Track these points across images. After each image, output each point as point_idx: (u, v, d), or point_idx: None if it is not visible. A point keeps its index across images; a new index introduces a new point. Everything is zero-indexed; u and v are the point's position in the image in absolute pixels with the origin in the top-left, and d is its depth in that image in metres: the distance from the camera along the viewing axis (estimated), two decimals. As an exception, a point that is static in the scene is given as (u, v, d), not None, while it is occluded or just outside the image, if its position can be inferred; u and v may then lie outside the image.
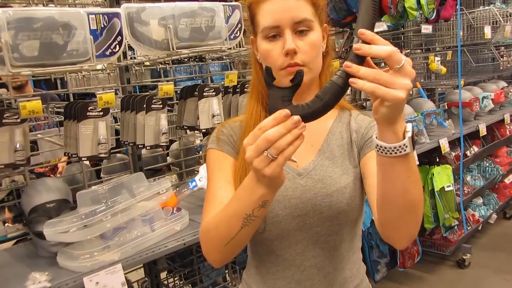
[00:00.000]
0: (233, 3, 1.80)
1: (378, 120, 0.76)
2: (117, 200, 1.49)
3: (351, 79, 0.72)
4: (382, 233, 0.91)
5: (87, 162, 2.15)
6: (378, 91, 0.70)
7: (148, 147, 1.76)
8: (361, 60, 0.72)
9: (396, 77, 0.70)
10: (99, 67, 2.07)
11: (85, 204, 1.46)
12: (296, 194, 1.03)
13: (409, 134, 0.76)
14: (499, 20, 3.85)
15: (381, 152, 0.78)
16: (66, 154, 1.66)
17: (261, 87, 1.10)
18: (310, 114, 0.75)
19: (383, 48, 0.70)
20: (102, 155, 1.59)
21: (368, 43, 0.72)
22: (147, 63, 2.56)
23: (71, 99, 1.91)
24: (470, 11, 4.02)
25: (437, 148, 3.07)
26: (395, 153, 0.76)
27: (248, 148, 0.75)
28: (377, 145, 0.78)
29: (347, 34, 0.75)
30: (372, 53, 0.70)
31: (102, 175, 2.27)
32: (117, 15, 1.48)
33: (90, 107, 1.56)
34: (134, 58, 1.90)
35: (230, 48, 1.86)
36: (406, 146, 0.76)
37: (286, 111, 0.73)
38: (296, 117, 0.73)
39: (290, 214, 1.03)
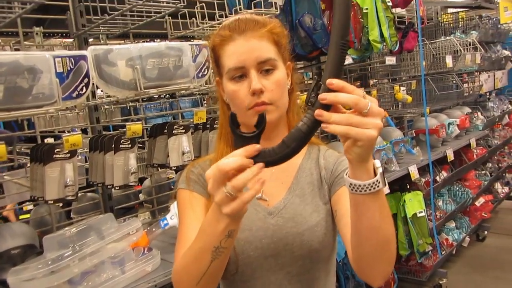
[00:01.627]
0: (200, 42, 1.83)
1: (351, 160, 0.77)
2: (86, 243, 1.46)
3: (323, 124, 0.73)
4: (357, 271, 0.92)
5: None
6: (351, 132, 0.72)
7: (117, 188, 1.74)
8: (328, 105, 0.74)
9: (367, 118, 0.72)
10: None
11: (52, 248, 1.43)
12: (267, 234, 1.03)
13: (380, 170, 0.78)
14: (460, 50, 4.02)
15: (355, 191, 0.78)
16: (32, 197, 1.62)
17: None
18: (275, 160, 0.76)
19: (348, 97, 0.72)
20: (69, 198, 1.56)
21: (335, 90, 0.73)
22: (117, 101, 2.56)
23: (38, 141, 1.88)
24: (431, 41, 4.19)
25: (407, 175, 3.13)
26: (369, 190, 0.77)
27: (210, 182, 0.77)
28: (351, 184, 0.79)
29: (314, 81, 0.77)
30: (338, 101, 0.72)
31: (72, 215, 2.23)
32: (83, 57, 1.49)
33: (57, 149, 1.55)
34: (103, 97, 1.89)
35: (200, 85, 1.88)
36: (379, 182, 0.77)
37: (256, 146, 0.75)
38: (261, 164, 0.75)
39: (262, 254, 1.02)
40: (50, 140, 2.68)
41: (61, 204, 2.18)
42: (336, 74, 0.74)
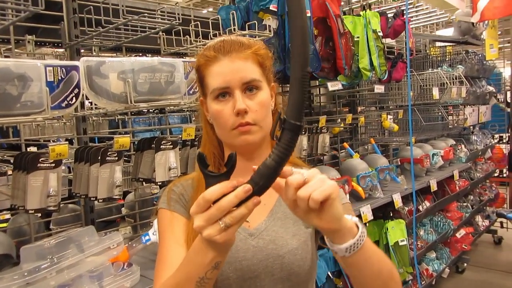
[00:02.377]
0: (193, 59, 1.84)
1: (332, 225, 0.79)
2: (64, 255, 1.43)
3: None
4: None
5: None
6: (317, 197, 0.74)
7: (100, 200, 1.71)
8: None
9: (315, 182, 0.76)
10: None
11: (29, 259, 1.40)
12: (247, 255, 1.02)
13: (356, 219, 0.82)
14: (446, 82, 4.11)
15: (349, 252, 0.81)
16: (13, 206, 1.59)
17: (212, 146, 1.12)
18: (246, 197, 0.75)
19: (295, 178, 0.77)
20: (51, 208, 1.54)
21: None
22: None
23: (23, 149, 1.86)
24: (419, 73, 4.28)
25: (391, 203, 3.14)
26: (359, 245, 0.80)
27: (196, 217, 0.75)
28: (342, 249, 0.81)
29: (277, 115, 0.78)
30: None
31: (51, 226, 2.18)
32: (75, 68, 1.49)
33: (42, 158, 1.53)
34: (92, 108, 1.88)
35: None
36: (364, 232, 0.81)
37: (233, 182, 0.74)
38: (247, 186, 0.74)
39: (241, 276, 1.01)
40: (33, 149, 2.65)
41: (39, 214, 2.14)
42: (299, 109, 0.73)
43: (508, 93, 6.13)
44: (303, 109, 0.73)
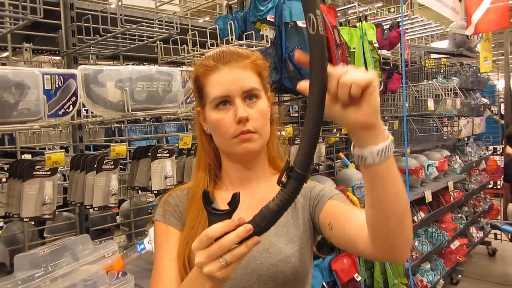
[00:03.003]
0: (191, 69, 1.85)
1: (370, 118, 0.76)
2: (59, 264, 1.42)
3: None
4: (381, 252, 0.88)
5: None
6: (360, 81, 0.73)
7: (96, 208, 1.71)
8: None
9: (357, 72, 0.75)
10: (51, 123, 2.05)
11: (23, 268, 1.38)
12: (241, 264, 1.02)
13: (387, 130, 0.79)
14: (441, 94, 4.15)
15: (380, 157, 0.77)
16: (7, 213, 1.58)
17: (208, 157, 1.13)
18: (246, 237, 0.77)
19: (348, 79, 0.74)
20: (46, 216, 1.53)
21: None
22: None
23: (19, 156, 1.85)
24: (414, 84, 4.31)
25: (386, 214, 3.15)
26: (388, 152, 0.77)
27: (198, 253, 0.76)
28: (375, 152, 0.77)
29: (286, 164, 0.80)
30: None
31: (45, 234, 2.17)
32: (73, 76, 1.49)
33: (37, 166, 1.52)
34: (88, 116, 1.88)
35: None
36: (393, 143, 0.78)
37: (235, 221, 0.76)
38: (248, 226, 0.76)
39: (235, 286, 1.01)
40: (27, 156, 2.63)
41: (33, 222, 2.13)
42: (307, 160, 0.75)
43: (502, 105, 6.18)
44: (311, 161, 0.76)
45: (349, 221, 0.96)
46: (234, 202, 0.78)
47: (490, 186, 6.53)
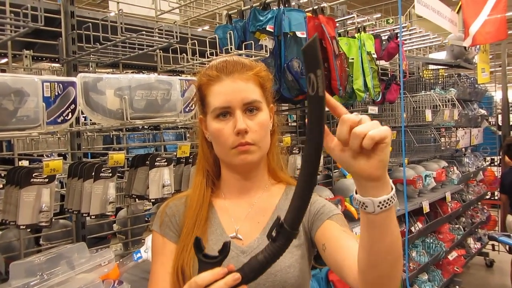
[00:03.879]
0: (189, 78, 1.86)
1: (377, 171, 0.75)
2: (54, 272, 1.41)
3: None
4: None
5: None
6: (375, 135, 0.71)
7: (93, 216, 1.70)
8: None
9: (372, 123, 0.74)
10: (49, 130, 2.05)
11: (18, 276, 1.37)
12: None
13: (391, 182, 0.78)
14: (439, 105, 4.17)
15: (380, 208, 0.76)
16: (4, 221, 1.57)
17: (207, 163, 1.14)
18: (234, 286, 0.79)
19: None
20: (43, 224, 1.52)
21: None
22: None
23: (16, 163, 1.85)
24: (412, 95, 4.33)
25: (384, 224, 3.14)
26: (390, 203, 0.76)
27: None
28: (376, 202, 0.76)
29: (277, 219, 0.82)
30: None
31: (41, 242, 2.16)
32: (72, 83, 1.49)
33: (35, 174, 1.52)
34: (87, 124, 1.88)
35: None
36: (395, 195, 0.77)
37: (224, 270, 0.78)
38: (237, 275, 0.77)
39: None
40: (24, 163, 2.63)
41: (29, 230, 2.12)
42: (297, 218, 0.77)
43: (500, 117, 6.20)
44: (301, 218, 0.77)
45: (343, 250, 0.95)
46: (225, 250, 0.80)
47: (487, 197, 6.54)
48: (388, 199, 0.76)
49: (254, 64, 1.09)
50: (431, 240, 4.23)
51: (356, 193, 0.79)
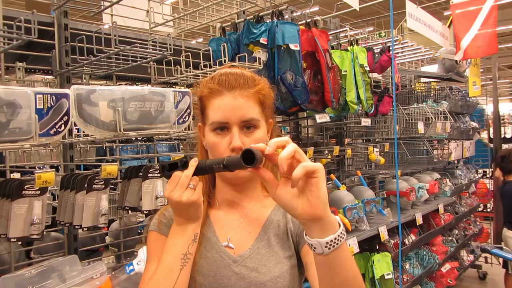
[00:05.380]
0: (183, 89, 1.86)
1: (317, 210, 0.79)
2: (45, 285, 1.40)
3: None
4: None
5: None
6: (305, 168, 0.78)
7: (85, 229, 1.69)
8: None
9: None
10: (42, 142, 2.03)
11: (9, 289, 1.36)
12: (230, 282, 1.03)
13: (338, 218, 0.81)
14: (431, 117, 4.19)
15: (328, 248, 0.79)
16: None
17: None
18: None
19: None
20: (34, 236, 1.51)
21: None
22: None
23: (8, 176, 1.83)
24: (405, 107, 4.36)
25: (377, 236, 3.14)
26: (337, 243, 0.79)
27: (174, 191, 0.95)
28: (320, 243, 0.80)
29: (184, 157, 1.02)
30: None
31: (32, 255, 2.13)
32: (65, 95, 1.49)
33: (27, 186, 1.51)
34: (79, 136, 1.87)
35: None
36: (344, 233, 0.80)
37: (194, 159, 0.98)
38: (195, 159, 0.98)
39: None
40: (16, 175, 2.61)
41: (19, 242, 2.10)
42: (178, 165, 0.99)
43: (491, 129, 6.26)
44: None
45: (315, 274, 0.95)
46: (186, 164, 0.98)
47: (480, 209, 6.55)
48: (335, 238, 0.79)
49: (257, 80, 1.09)
50: (425, 252, 4.22)
51: (306, 235, 0.83)
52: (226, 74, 1.07)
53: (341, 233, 0.80)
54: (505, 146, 6.32)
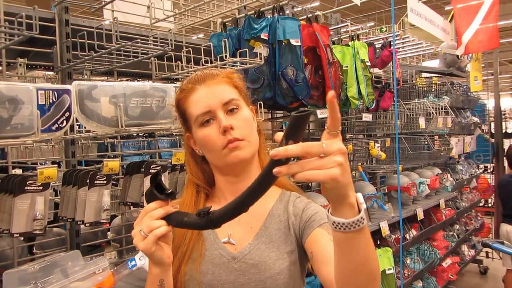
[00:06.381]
0: (185, 85, 1.86)
1: (329, 199, 0.76)
2: (48, 280, 1.40)
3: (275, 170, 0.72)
4: None
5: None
6: (311, 177, 0.70)
7: (87, 224, 1.70)
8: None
9: (325, 159, 0.70)
10: (43, 138, 2.04)
11: (12, 284, 1.36)
12: (229, 278, 1.03)
13: (364, 206, 0.76)
14: (432, 112, 4.19)
15: (339, 229, 0.75)
16: (-3, 229, 1.56)
17: (197, 179, 1.16)
18: (172, 223, 0.92)
19: (297, 147, 0.70)
20: (37, 232, 1.51)
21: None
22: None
23: (10, 171, 1.84)
24: (406, 102, 4.35)
25: (378, 231, 3.15)
26: (354, 227, 0.75)
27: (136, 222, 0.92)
28: (334, 222, 0.76)
29: (208, 207, 0.87)
30: (288, 154, 0.70)
31: (35, 250, 2.14)
32: (67, 91, 1.49)
33: (29, 181, 1.51)
34: (81, 131, 1.88)
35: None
36: (363, 219, 0.75)
37: (167, 203, 0.93)
38: (172, 209, 0.92)
39: None
40: (17, 171, 2.62)
41: (22, 238, 2.11)
42: (225, 217, 0.84)
43: (492, 124, 6.25)
44: (227, 220, 0.84)
45: (328, 262, 0.93)
46: (173, 193, 0.92)
47: (481, 204, 6.56)
48: (350, 223, 0.75)
49: (223, 70, 1.13)
50: (426, 247, 4.23)
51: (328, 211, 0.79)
52: (194, 74, 1.12)
53: (364, 214, 0.77)
54: (506, 141, 6.32)
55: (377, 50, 3.39)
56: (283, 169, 0.71)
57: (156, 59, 2.32)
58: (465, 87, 5.66)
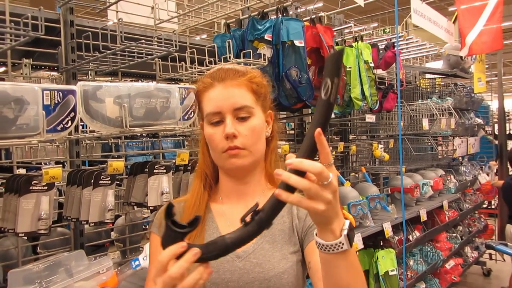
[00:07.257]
0: (188, 86, 1.87)
1: (314, 222, 0.82)
2: (53, 280, 1.41)
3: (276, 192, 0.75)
4: None
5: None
6: (301, 204, 0.76)
7: (91, 224, 1.70)
8: (292, 188, 0.75)
9: (321, 190, 0.74)
10: (48, 138, 2.05)
11: (16, 284, 1.37)
12: (233, 277, 1.03)
13: (344, 232, 0.80)
14: (436, 114, 4.19)
15: (321, 249, 0.82)
16: (2, 229, 1.57)
17: (206, 167, 1.15)
18: (213, 255, 0.78)
19: (312, 164, 0.73)
20: (42, 231, 1.52)
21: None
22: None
23: (15, 171, 1.85)
24: (409, 103, 4.35)
25: (381, 232, 3.15)
26: (333, 250, 0.80)
27: (157, 282, 0.76)
28: (316, 242, 0.82)
29: (254, 205, 0.81)
30: (303, 168, 0.73)
31: (39, 250, 2.15)
32: (72, 92, 1.50)
33: (34, 181, 1.52)
34: (85, 132, 1.89)
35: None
36: (343, 244, 0.80)
37: (183, 244, 0.75)
38: (196, 250, 0.75)
39: None
40: (21, 171, 2.63)
41: (26, 238, 2.12)
42: (272, 214, 0.78)
43: (496, 126, 6.24)
44: (275, 216, 0.78)
45: (319, 275, 0.95)
46: (195, 223, 0.77)
47: (484, 206, 6.54)
48: (329, 246, 0.81)
49: (248, 70, 1.11)
50: (429, 249, 4.22)
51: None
52: (218, 69, 1.10)
53: (344, 240, 0.80)
54: (510, 142, 6.30)
55: (381, 51, 3.39)
56: (283, 195, 0.75)
57: (160, 59, 2.33)
58: (468, 88, 5.65)
